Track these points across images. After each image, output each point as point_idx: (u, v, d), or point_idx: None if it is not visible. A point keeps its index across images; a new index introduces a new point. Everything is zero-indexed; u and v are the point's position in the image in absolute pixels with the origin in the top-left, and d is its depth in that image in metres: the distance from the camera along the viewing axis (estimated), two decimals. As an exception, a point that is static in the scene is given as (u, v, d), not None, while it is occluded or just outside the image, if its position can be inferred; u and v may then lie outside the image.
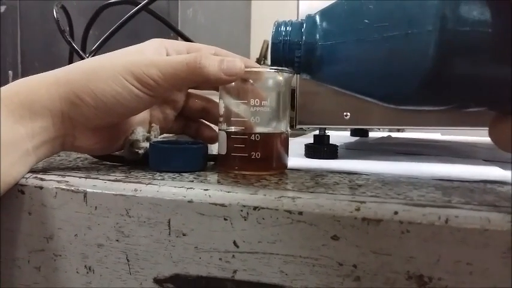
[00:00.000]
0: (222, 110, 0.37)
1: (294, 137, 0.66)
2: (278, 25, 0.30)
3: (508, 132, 0.25)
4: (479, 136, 0.61)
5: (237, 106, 0.36)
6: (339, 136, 0.68)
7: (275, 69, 0.35)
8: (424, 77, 0.24)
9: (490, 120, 0.26)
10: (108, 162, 0.39)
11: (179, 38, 0.59)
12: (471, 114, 0.28)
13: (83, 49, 0.58)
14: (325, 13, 0.29)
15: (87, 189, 0.31)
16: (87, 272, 0.31)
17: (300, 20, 0.31)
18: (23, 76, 0.33)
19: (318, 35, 0.28)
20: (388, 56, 0.25)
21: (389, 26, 0.25)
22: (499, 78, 0.24)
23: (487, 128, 0.26)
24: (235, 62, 0.33)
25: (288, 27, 0.30)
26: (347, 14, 0.27)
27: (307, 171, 0.37)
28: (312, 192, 0.29)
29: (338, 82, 0.29)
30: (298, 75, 0.43)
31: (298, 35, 0.29)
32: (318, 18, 0.29)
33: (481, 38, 0.23)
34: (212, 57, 0.33)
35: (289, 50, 0.30)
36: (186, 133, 0.43)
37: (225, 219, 0.28)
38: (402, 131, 0.82)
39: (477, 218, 0.24)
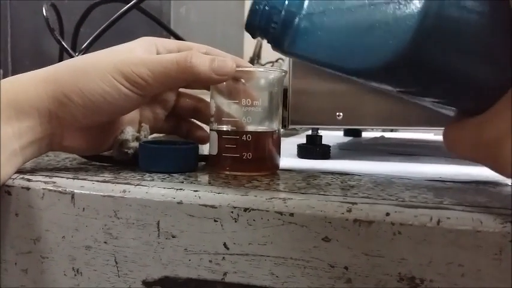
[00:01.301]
0: (213, 110, 0.36)
1: (286, 136, 0.66)
2: None
3: (467, 130, 0.24)
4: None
5: (228, 106, 0.35)
6: (332, 136, 0.68)
7: (267, 69, 0.34)
8: (398, 49, 0.24)
9: (444, 127, 0.26)
10: (97, 163, 0.38)
11: (171, 36, 0.59)
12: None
13: (74, 47, 0.57)
14: None
15: (75, 190, 0.30)
16: (75, 275, 0.31)
17: None
18: (13, 74, 0.32)
19: (299, 4, 0.27)
20: (367, 25, 0.25)
21: None
22: (474, 74, 0.23)
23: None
24: (226, 62, 0.33)
25: None
26: None
27: (299, 171, 0.37)
28: (303, 193, 0.28)
29: (312, 55, 0.28)
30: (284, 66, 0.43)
31: (279, 3, 0.28)
32: None
33: (467, 29, 0.22)
34: (203, 56, 0.32)
35: (267, 17, 0.29)
36: (176, 133, 0.43)
37: (215, 221, 0.27)
38: (395, 131, 0.82)
39: (469, 219, 0.24)
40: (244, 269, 0.27)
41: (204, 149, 0.42)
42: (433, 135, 0.73)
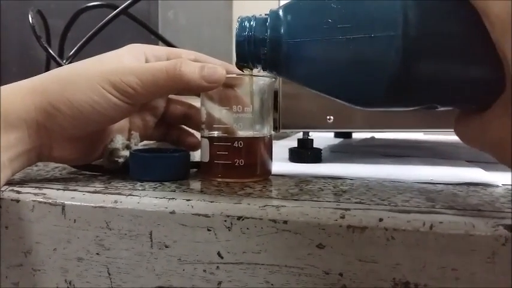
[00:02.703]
0: (204, 117, 0.36)
1: (277, 139, 0.66)
2: (242, 20, 0.29)
3: (472, 128, 0.25)
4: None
5: (219, 112, 0.35)
6: (322, 138, 0.68)
7: (257, 75, 0.34)
8: (389, 81, 0.24)
9: (454, 118, 0.26)
10: (87, 172, 0.38)
11: (159, 41, 0.59)
12: (452, 116, 0.27)
13: (61, 53, 0.56)
14: (289, 8, 0.28)
15: (66, 202, 0.30)
16: (68, 287, 0.30)
17: (264, 14, 0.29)
18: (0, 80, 0.32)
19: (282, 31, 0.27)
20: (353, 59, 0.25)
21: (352, 27, 0.24)
22: (465, 78, 0.24)
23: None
24: (216, 69, 0.32)
25: (252, 22, 0.29)
26: (311, 12, 0.26)
27: (291, 177, 0.37)
28: (296, 199, 0.28)
29: (305, 81, 0.28)
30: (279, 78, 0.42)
31: (262, 31, 0.28)
32: (281, 14, 0.28)
33: (446, 40, 0.23)
34: (192, 64, 0.32)
35: (255, 46, 0.29)
36: (167, 140, 0.43)
37: (209, 230, 0.27)
38: (386, 132, 0.82)
39: (461, 223, 0.24)
40: (239, 278, 0.27)
41: (196, 155, 0.42)
42: (423, 134, 0.74)
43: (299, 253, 0.26)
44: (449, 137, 0.69)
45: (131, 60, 0.34)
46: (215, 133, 0.35)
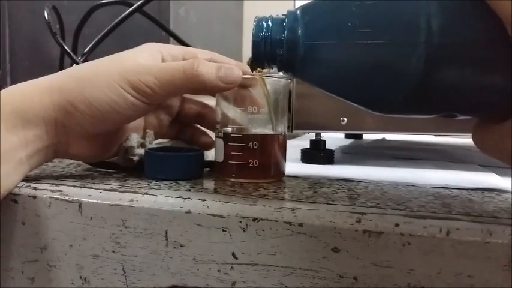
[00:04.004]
0: (218, 117, 0.36)
1: (289, 139, 0.66)
2: (259, 20, 0.29)
3: (491, 137, 0.24)
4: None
5: (234, 113, 0.35)
6: (333, 138, 0.68)
7: (273, 75, 0.34)
8: (409, 88, 0.24)
9: (473, 126, 0.26)
10: (102, 169, 0.38)
11: (171, 38, 0.59)
12: (464, 121, 0.27)
13: (74, 50, 0.57)
14: (307, 9, 0.27)
15: (82, 199, 0.30)
16: (83, 283, 0.31)
17: (281, 15, 0.29)
18: (11, 76, 0.32)
19: (300, 32, 0.27)
20: (372, 64, 0.24)
21: (373, 32, 0.24)
22: (487, 87, 0.23)
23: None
24: (233, 69, 0.32)
25: (269, 22, 0.29)
26: (330, 14, 0.26)
27: (304, 178, 0.37)
28: (311, 202, 0.28)
29: (321, 84, 0.28)
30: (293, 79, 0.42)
31: (279, 32, 0.28)
32: (299, 15, 0.27)
33: (469, 48, 0.23)
34: (209, 64, 0.32)
35: (271, 46, 0.28)
36: (180, 138, 0.43)
37: (224, 231, 0.27)
38: (398, 134, 0.82)
39: (478, 230, 0.24)
40: (253, 279, 0.27)
41: (209, 155, 0.42)
42: (434, 137, 0.74)
43: (314, 256, 0.26)
44: (461, 139, 0.69)
45: (148, 59, 0.34)
46: (230, 133, 0.35)
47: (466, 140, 0.67)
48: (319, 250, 0.26)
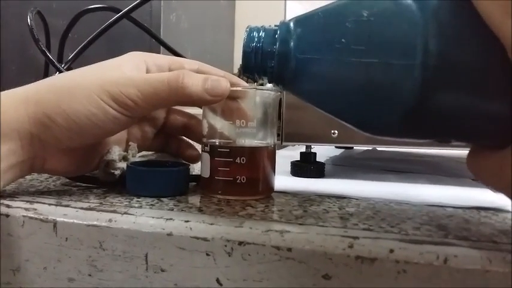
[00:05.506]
0: (205, 130, 0.34)
1: (278, 148, 0.64)
2: (250, 30, 0.28)
3: (488, 166, 0.23)
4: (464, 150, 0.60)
5: (222, 126, 0.34)
6: (323, 148, 0.67)
7: (262, 88, 0.33)
8: (403, 111, 0.22)
9: (468, 152, 0.25)
10: (82, 184, 0.36)
11: (161, 46, 0.57)
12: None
13: (60, 56, 0.55)
14: (300, 22, 0.26)
15: (57, 219, 0.28)
16: (57, 308, 0.29)
17: (274, 26, 0.28)
18: (-1, 80, 0.30)
19: (292, 45, 0.26)
20: (365, 83, 0.23)
21: (367, 50, 0.23)
22: (486, 113, 0.22)
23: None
24: (220, 81, 0.31)
25: (261, 33, 0.27)
26: (323, 28, 0.25)
27: (294, 194, 0.35)
28: (301, 224, 0.27)
29: (311, 100, 0.27)
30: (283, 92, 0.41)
31: (271, 43, 0.27)
32: (292, 27, 0.26)
33: (467, 72, 0.21)
34: (195, 76, 0.31)
35: (262, 58, 0.27)
36: (166, 151, 0.41)
37: (208, 255, 0.26)
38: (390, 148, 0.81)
39: (477, 258, 0.23)
40: (238, 307, 0.25)
41: (195, 167, 0.40)
42: (424, 149, 0.73)
43: (303, 283, 0.24)
44: (451, 151, 0.68)
45: (132, 69, 0.32)
46: (217, 147, 0.34)
47: (458, 152, 0.66)
48: (309, 277, 0.24)
